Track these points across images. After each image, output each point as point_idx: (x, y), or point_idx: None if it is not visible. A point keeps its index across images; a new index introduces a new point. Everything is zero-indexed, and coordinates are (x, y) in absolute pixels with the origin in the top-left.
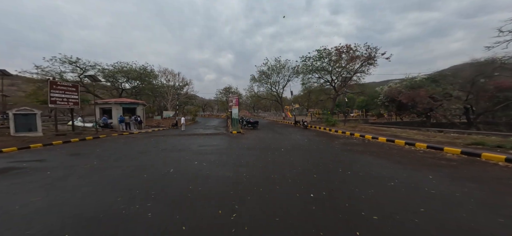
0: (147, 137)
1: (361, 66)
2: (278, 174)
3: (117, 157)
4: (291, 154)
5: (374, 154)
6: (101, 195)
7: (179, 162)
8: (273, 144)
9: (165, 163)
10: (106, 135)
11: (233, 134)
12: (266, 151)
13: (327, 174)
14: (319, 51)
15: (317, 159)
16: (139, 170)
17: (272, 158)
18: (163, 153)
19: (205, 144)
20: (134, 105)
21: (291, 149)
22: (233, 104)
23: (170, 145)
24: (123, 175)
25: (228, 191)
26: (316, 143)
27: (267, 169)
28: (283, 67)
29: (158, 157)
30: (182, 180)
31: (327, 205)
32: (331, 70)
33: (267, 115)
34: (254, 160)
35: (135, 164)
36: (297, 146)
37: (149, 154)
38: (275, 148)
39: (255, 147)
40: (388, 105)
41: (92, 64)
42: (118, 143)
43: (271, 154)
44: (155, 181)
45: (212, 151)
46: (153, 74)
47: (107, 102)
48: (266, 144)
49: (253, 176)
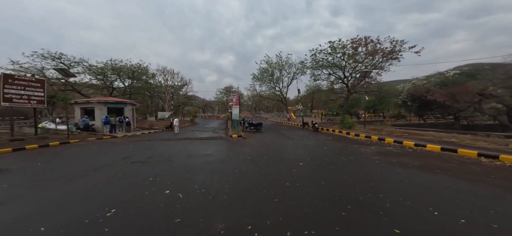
0: (130, 142)
1: (381, 61)
2: (313, 224)
3: (55, 175)
4: (317, 173)
5: (447, 173)
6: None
7: (141, 190)
8: (284, 153)
9: (118, 190)
10: (79, 140)
11: (233, 139)
12: (277, 166)
13: (411, 222)
14: (331, 43)
15: (364, 182)
16: (58, 208)
17: (291, 182)
18: (129, 170)
19: (195, 153)
20: (121, 105)
21: (312, 163)
22: (233, 104)
23: (147, 155)
24: (15, 222)
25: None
26: (341, 152)
27: (289, 211)
28: (286, 64)
29: (116, 177)
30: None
31: None
32: (345, 66)
33: (269, 117)
34: (262, 186)
35: (64, 191)
36: (318, 156)
37: (108, 170)
38: (289, 161)
39: (262, 158)
40: (410, 105)
41: (78, 60)
42: (83, 151)
43: (286, 172)
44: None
45: (202, 166)
46: (147, 72)
47: (89, 101)
48: (276, 154)
49: (266, 230)
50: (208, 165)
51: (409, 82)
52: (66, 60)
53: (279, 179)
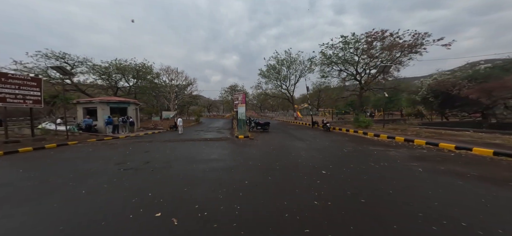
0: (130, 143)
1: (399, 56)
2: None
3: (27, 186)
4: (349, 186)
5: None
6: None
7: (124, 211)
8: (299, 157)
9: (94, 211)
10: (78, 141)
11: (239, 140)
12: (296, 176)
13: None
14: (344, 38)
15: (424, 203)
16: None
17: (319, 199)
18: (118, 179)
19: (198, 158)
20: (124, 104)
21: (337, 171)
22: (239, 102)
23: (145, 159)
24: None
25: None
26: (367, 156)
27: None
28: (295, 61)
29: (99, 190)
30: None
31: None
32: (358, 61)
33: (275, 116)
34: (283, 206)
35: (20, 212)
36: (341, 162)
37: (94, 179)
38: (308, 168)
39: (274, 164)
40: (432, 102)
41: (82, 60)
42: (77, 155)
43: (309, 185)
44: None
45: (205, 175)
46: (151, 71)
47: (91, 101)
48: (290, 159)
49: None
50: (212, 174)
51: (429, 77)
52: (70, 60)
53: (302, 195)
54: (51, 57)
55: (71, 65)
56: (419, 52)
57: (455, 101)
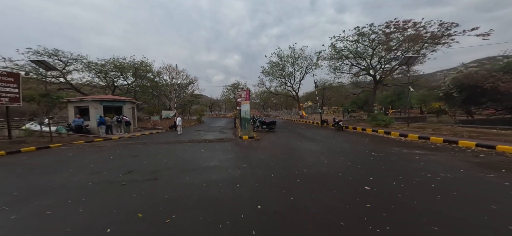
0: (121, 145)
1: (420, 48)
2: None
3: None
4: (425, 214)
5: None
6: None
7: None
8: (319, 164)
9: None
10: (63, 143)
11: (243, 141)
12: (327, 195)
13: None
14: (358, 29)
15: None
16: None
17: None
18: (78, 199)
19: (195, 165)
20: (119, 103)
21: (388, 187)
22: (242, 100)
23: (129, 167)
24: None
25: None
26: (411, 163)
27: None
28: (299, 57)
29: (40, 219)
30: None
31: None
32: (372, 54)
33: (278, 115)
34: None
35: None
36: (380, 172)
37: (45, 199)
38: (339, 180)
39: (291, 174)
40: (456, 97)
41: (75, 57)
42: (51, 160)
43: (356, 214)
44: None
45: (201, 194)
46: (151, 69)
47: (82, 99)
48: (309, 166)
49: None
50: (211, 192)
51: (453, 71)
52: (63, 57)
53: (350, 231)
54: (42, 54)
55: (65, 63)
56: (447, 43)
57: (482, 96)
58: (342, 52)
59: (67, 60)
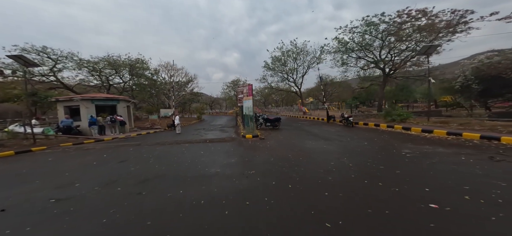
0: (112, 148)
1: (436, 38)
2: None
3: None
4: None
5: None
6: None
7: None
8: (346, 169)
9: None
10: (47, 146)
11: (247, 140)
12: (375, 217)
13: None
14: (366, 19)
15: None
16: None
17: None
18: (38, 225)
19: (191, 173)
20: (113, 102)
21: (461, 207)
22: (244, 96)
23: (111, 177)
24: None
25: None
26: (463, 166)
27: None
28: (301, 52)
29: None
30: None
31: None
32: (382, 46)
33: (279, 111)
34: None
35: None
36: (433, 179)
37: (6, 216)
38: (378, 189)
39: (315, 184)
40: (474, 89)
41: (66, 54)
42: (25, 166)
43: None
44: None
45: (194, 218)
46: (148, 67)
47: (72, 98)
48: (333, 172)
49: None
50: (212, 217)
51: (470, 60)
52: (53, 54)
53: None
54: (30, 51)
55: (54, 60)
56: (465, 31)
57: (503, 88)
58: (348, 45)
59: (57, 58)
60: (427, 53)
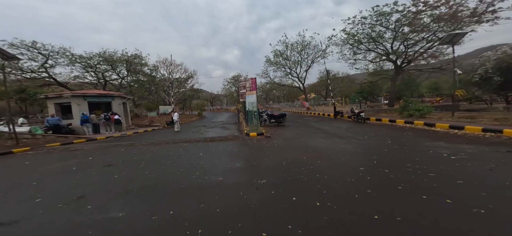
0: (102, 148)
1: (456, 28)
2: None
3: None
4: None
5: None
6: None
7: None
8: (380, 177)
9: None
10: (32, 147)
11: (251, 139)
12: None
13: None
14: (378, 9)
15: None
16: None
17: None
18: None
19: (187, 183)
20: (107, 98)
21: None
22: (247, 90)
23: (84, 190)
24: None
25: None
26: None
27: None
28: (308, 45)
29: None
30: None
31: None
32: (394, 37)
33: (281, 107)
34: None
35: None
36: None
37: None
38: (454, 212)
39: (351, 199)
40: (495, 81)
41: (57, 50)
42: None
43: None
44: None
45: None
46: (146, 63)
47: (62, 95)
48: (369, 182)
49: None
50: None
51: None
52: (44, 50)
53: None
54: (19, 47)
55: (46, 56)
56: (492, 20)
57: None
58: (356, 37)
59: (48, 54)
60: (453, 42)
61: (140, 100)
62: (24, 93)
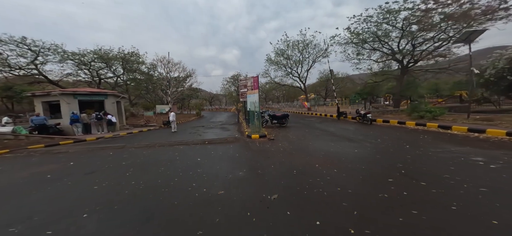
0: (88, 151)
1: (468, 26)
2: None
3: None
4: None
5: None
6: None
7: None
8: (415, 190)
9: None
10: (12, 149)
11: (253, 142)
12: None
13: None
14: (385, 7)
15: None
16: None
17: None
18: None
19: (182, 198)
20: (99, 97)
21: None
22: (249, 89)
23: (40, 211)
24: None
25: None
26: None
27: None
28: (310, 44)
29: None
30: None
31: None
32: (402, 36)
33: (280, 107)
34: None
35: None
36: None
37: None
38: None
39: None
40: (508, 81)
41: (48, 46)
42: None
43: None
44: None
45: None
46: (143, 62)
47: (50, 93)
48: (403, 200)
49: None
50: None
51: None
52: (34, 46)
53: None
54: (8, 42)
55: (35, 52)
56: (505, 18)
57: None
58: (361, 36)
59: (38, 50)
60: (469, 40)
61: (137, 99)
62: (11, 91)
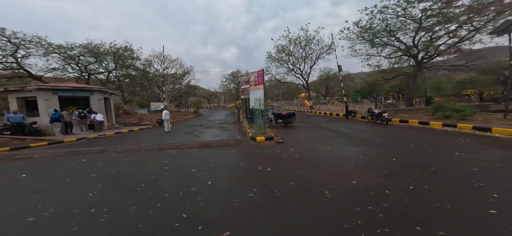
0: (56, 158)
1: (492, 19)
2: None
3: None
4: None
5: None
6: None
7: None
8: None
9: None
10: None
11: (259, 145)
12: None
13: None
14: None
15: None
16: None
17: None
18: None
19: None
20: (84, 93)
21: None
22: (252, 85)
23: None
24: None
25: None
26: None
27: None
28: (313, 40)
29: None
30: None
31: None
32: (418, 28)
33: (280, 105)
34: None
35: None
36: None
37: None
38: None
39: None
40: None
41: (30, 38)
42: None
43: None
44: None
45: None
46: (137, 56)
47: (25, 88)
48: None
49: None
50: None
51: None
52: (14, 38)
53: None
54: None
55: (16, 45)
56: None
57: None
58: (374, 30)
59: (19, 42)
60: (509, 30)
61: (131, 96)
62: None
